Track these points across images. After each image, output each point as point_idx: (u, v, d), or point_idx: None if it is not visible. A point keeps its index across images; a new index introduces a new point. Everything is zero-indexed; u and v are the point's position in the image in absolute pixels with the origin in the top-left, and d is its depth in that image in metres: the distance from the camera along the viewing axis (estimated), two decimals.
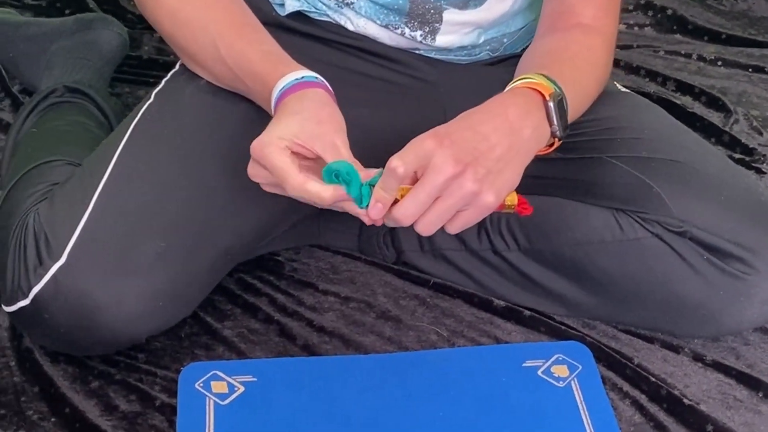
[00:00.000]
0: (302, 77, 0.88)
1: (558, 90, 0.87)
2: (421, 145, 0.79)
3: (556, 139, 0.88)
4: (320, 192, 0.80)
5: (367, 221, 0.82)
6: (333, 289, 1.10)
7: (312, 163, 0.84)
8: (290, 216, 1.04)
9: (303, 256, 1.14)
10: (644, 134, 1.03)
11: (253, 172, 0.85)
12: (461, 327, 1.06)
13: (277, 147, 0.81)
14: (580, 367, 0.99)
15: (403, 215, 0.79)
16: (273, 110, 0.88)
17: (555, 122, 0.86)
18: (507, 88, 0.89)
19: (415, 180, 0.80)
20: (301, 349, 1.02)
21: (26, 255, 0.90)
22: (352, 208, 0.81)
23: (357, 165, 0.82)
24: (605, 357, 1.02)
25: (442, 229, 1.07)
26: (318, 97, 0.86)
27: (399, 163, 0.78)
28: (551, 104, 0.86)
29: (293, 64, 0.91)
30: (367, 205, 0.80)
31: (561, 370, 0.99)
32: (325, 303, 1.08)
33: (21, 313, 0.92)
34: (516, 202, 0.84)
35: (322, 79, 0.89)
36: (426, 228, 0.80)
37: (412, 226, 1.09)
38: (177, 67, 1.06)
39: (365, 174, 0.81)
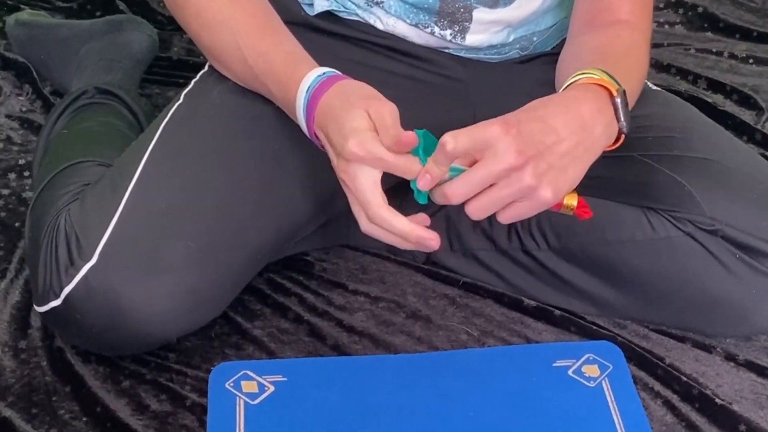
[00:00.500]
0: (324, 73, 0.87)
1: (620, 86, 0.86)
2: (484, 129, 0.77)
3: (623, 135, 0.86)
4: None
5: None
6: (363, 289, 1.10)
7: None
8: (320, 215, 1.04)
9: (332, 256, 1.14)
10: (676, 132, 1.02)
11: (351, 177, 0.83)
12: (491, 327, 1.05)
13: (373, 138, 0.80)
14: (611, 366, 0.98)
15: (453, 193, 0.78)
16: (302, 111, 0.87)
17: (622, 118, 0.85)
18: (567, 83, 0.87)
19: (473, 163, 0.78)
20: (331, 348, 1.02)
21: (58, 255, 0.91)
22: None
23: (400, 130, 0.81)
24: (636, 357, 1.01)
25: (472, 229, 1.08)
26: (353, 83, 0.86)
27: (449, 139, 0.77)
28: (619, 100, 0.84)
29: (313, 63, 0.90)
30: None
31: (592, 370, 0.98)
32: (355, 303, 1.08)
33: (53, 314, 0.92)
34: (575, 203, 0.82)
35: (341, 74, 0.89)
36: (477, 211, 0.79)
37: (443, 225, 1.10)
38: (206, 68, 1.06)
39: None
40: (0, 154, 1.29)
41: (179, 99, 1.03)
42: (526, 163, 0.77)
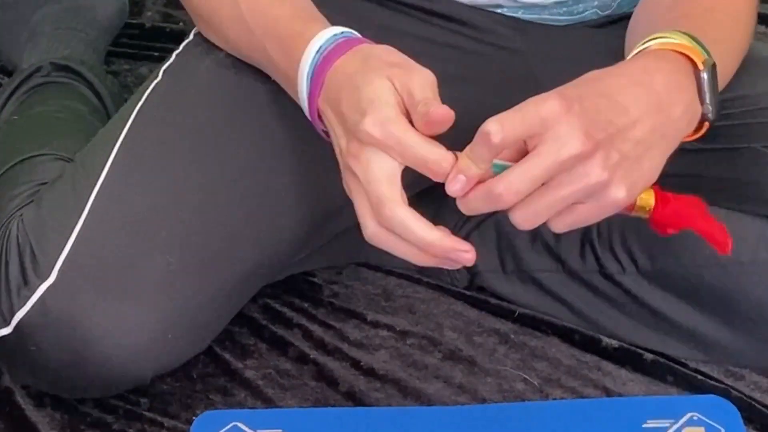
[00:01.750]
0: (341, 32, 0.85)
1: (709, 56, 0.83)
2: (538, 107, 0.74)
3: (706, 123, 0.84)
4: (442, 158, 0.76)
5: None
6: (385, 320, 1.10)
7: None
8: (331, 224, 1.03)
9: (346, 277, 1.15)
10: None
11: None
12: (558, 373, 1.04)
13: (397, 117, 0.77)
14: (723, 430, 0.95)
15: (508, 190, 0.73)
16: (305, 81, 0.85)
17: (707, 99, 0.82)
18: (637, 50, 0.84)
19: (520, 156, 0.75)
20: (345, 396, 1.02)
21: (8, 272, 0.92)
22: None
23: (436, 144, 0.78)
24: (757, 416, 0.99)
25: (532, 244, 1.06)
26: (378, 48, 0.83)
27: (495, 127, 0.72)
28: (705, 75, 0.82)
29: (326, 22, 0.88)
30: None
31: None
32: (376, 338, 1.08)
33: (0, 345, 0.92)
34: (652, 203, 0.79)
35: (363, 37, 0.86)
36: (528, 219, 0.76)
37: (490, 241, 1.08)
38: (191, 36, 1.06)
39: None
40: None
41: (157, 76, 1.03)
42: (595, 151, 0.74)
